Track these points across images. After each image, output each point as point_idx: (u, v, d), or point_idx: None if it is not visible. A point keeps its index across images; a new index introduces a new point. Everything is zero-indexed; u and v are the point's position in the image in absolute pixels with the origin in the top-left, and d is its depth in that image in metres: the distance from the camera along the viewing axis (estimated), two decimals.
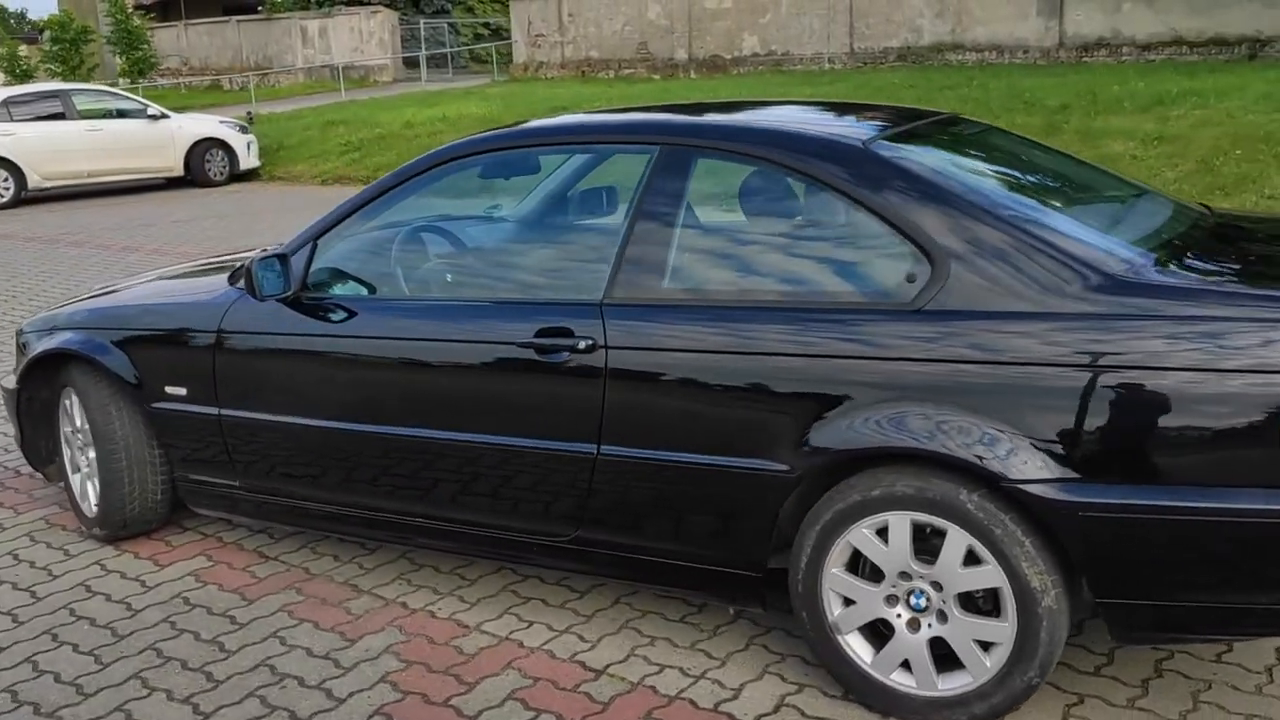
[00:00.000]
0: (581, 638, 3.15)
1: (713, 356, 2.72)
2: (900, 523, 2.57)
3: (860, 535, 2.62)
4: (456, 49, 33.43)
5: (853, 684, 2.72)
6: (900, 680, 2.66)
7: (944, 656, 2.62)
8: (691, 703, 2.82)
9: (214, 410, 3.51)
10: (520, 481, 3.04)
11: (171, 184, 15.68)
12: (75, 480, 3.97)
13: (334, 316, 3.27)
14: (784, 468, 2.65)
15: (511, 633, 3.19)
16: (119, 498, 3.74)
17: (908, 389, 2.51)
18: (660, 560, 2.93)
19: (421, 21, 32.41)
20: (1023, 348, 2.42)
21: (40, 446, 4.09)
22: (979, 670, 2.55)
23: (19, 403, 3.98)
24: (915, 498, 2.52)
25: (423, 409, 3.13)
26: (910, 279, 2.58)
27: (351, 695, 2.91)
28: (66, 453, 4.00)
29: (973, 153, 3.05)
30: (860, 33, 20.55)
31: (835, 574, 2.68)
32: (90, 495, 3.88)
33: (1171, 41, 17.05)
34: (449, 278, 3.35)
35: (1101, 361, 2.35)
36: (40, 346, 3.85)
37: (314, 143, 17.14)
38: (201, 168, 15.39)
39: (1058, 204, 2.87)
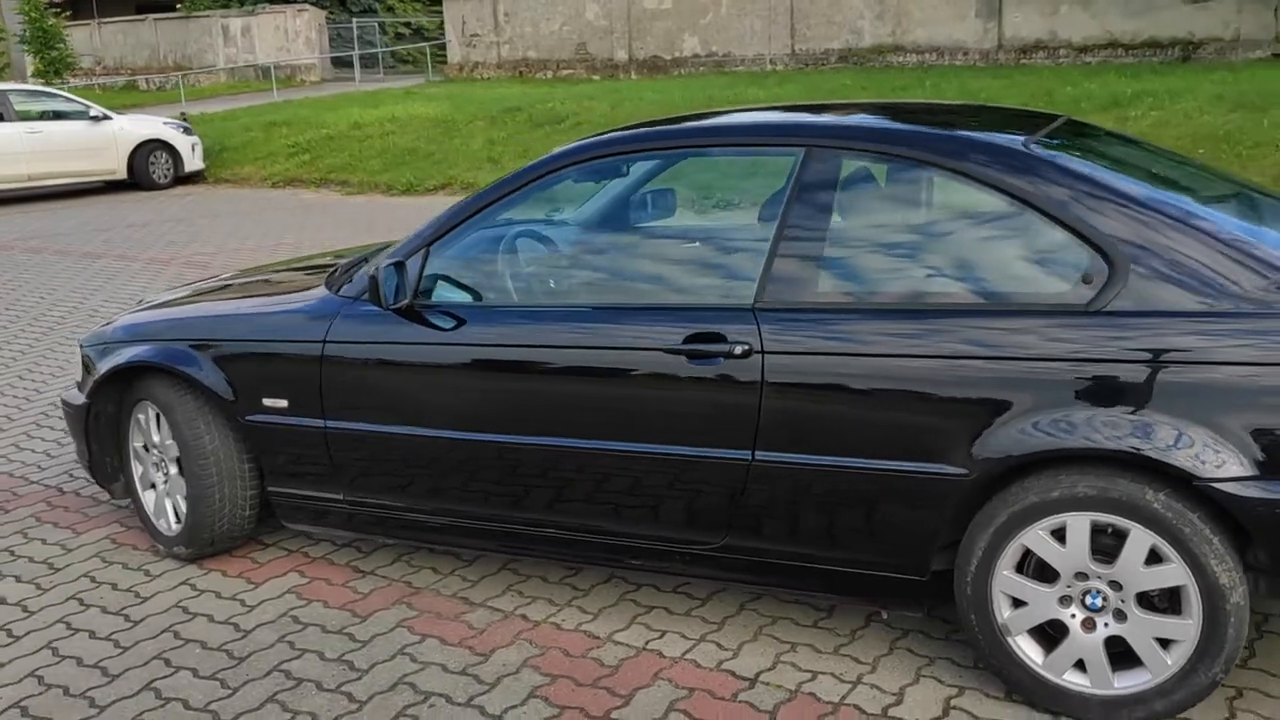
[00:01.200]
0: (720, 645, 3.13)
1: (879, 360, 2.71)
2: (1079, 524, 2.59)
3: (1035, 537, 2.64)
4: (385, 49, 32.95)
5: (1023, 685, 2.73)
6: (1074, 680, 2.68)
7: (1117, 655, 2.65)
8: (858, 709, 2.81)
9: (319, 422, 3.40)
10: (663, 489, 3.00)
11: (112, 187, 15.19)
12: (148, 497, 3.83)
13: (456, 325, 3.19)
14: (959, 471, 2.66)
15: (647, 643, 3.15)
16: (208, 514, 3.61)
17: (1088, 390, 2.53)
18: (814, 566, 2.92)
19: (354, 21, 31.88)
20: (1210, 347, 2.45)
21: (106, 463, 3.92)
22: (1159, 668, 2.59)
23: (88, 419, 3.81)
24: (1097, 498, 2.55)
25: (557, 417, 3.07)
26: (1086, 280, 2.60)
27: (507, 711, 2.85)
28: (136, 469, 3.85)
29: (1115, 153, 3.09)
30: (801, 34, 20.75)
31: (1006, 576, 2.69)
32: (168, 512, 3.75)
33: (1107, 44, 17.53)
34: (573, 282, 3.27)
35: None
36: (113, 360, 3.69)
37: (258, 144, 16.75)
38: (146, 170, 14.94)
39: (1220, 204, 2.92)
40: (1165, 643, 2.59)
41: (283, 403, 3.45)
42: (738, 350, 2.83)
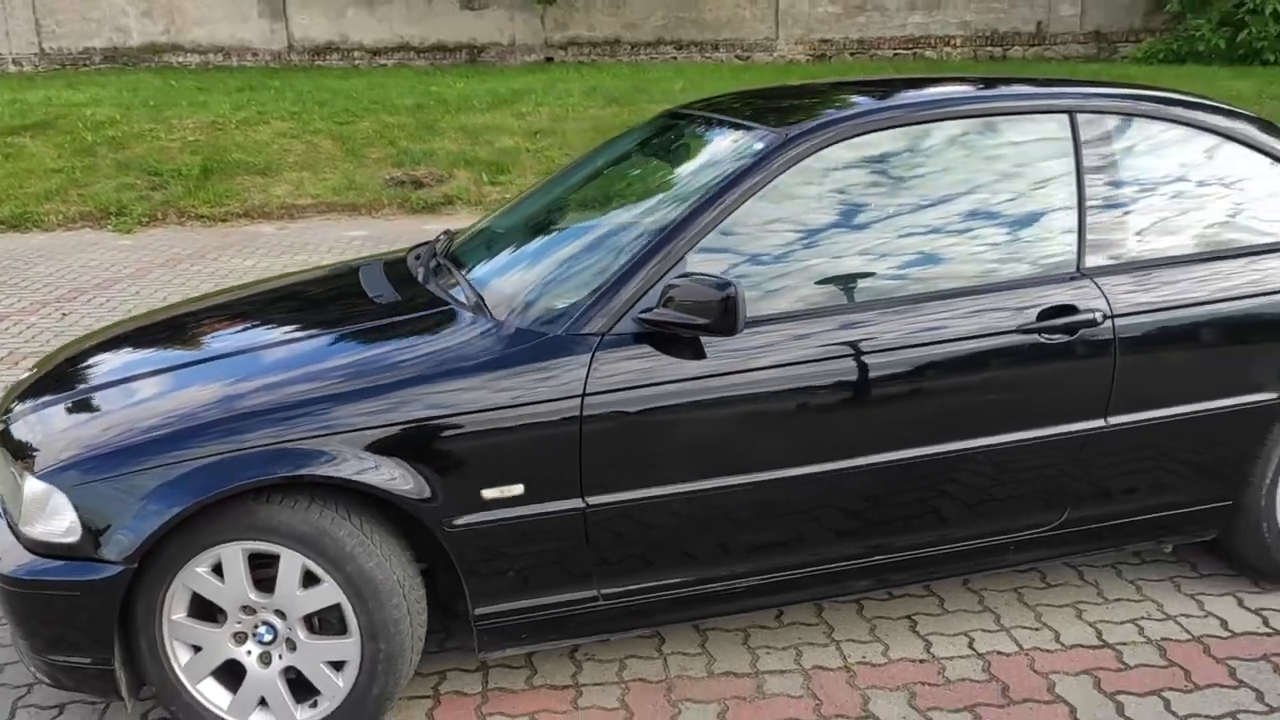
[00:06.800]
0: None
1: (1210, 307, 2.92)
2: None
3: None
4: None
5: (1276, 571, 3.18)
6: None
7: None
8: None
9: (575, 503, 2.55)
10: (1010, 478, 2.86)
11: None
12: (211, 689, 2.53)
13: (767, 342, 2.63)
14: (1276, 396, 2.98)
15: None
16: (399, 670, 2.49)
17: None
18: (1142, 518, 3.03)
19: None
20: None
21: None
22: None
23: (128, 595, 2.36)
24: None
25: (910, 425, 2.75)
26: None
27: None
28: (180, 655, 2.48)
29: None
30: (50, 31, 18.07)
31: None
32: (283, 698, 2.51)
33: (399, 47, 18.14)
34: (871, 273, 2.80)
35: None
36: (185, 493, 2.33)
37: None
38: None
39: None
40: None
41: (516, 489, 2.51)
42: (1098, 318, 2.81)
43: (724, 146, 2.98)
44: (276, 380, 2.57)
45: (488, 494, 2.51)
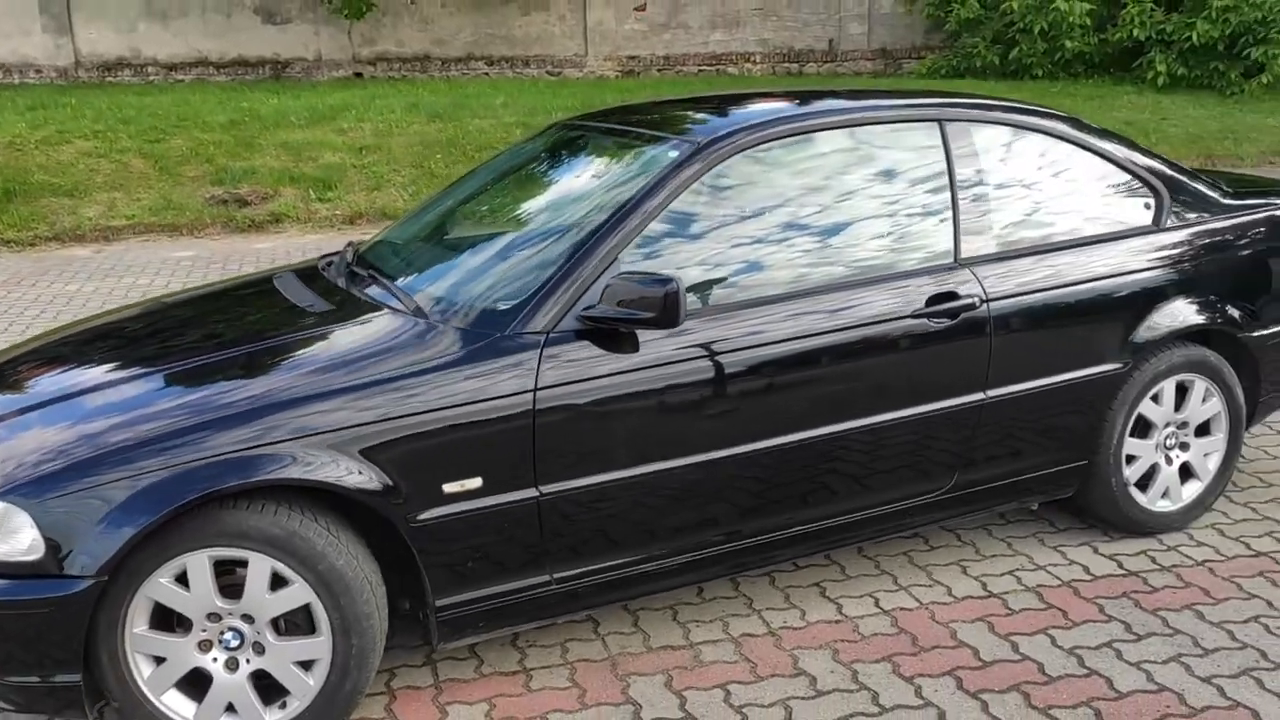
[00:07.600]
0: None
1: (1064, 290, 3.32)
2: (1171, 386, 3.55)
3: (1148, 404, 3.53)
4: None
5: (1137, 520, 3.62)
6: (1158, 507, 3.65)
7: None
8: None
9: (529, 493, 2.69)
10: (907, 449, 3.16)
11: None
12: (176, 700, 2.54)
13: (697, 333, 2.85)
14: (1119, 365, 3.41)
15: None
16: (369, 665, 2.58)
17: (1190, 281, 3.50)
18: (1016, 479, 3.40)
19: None
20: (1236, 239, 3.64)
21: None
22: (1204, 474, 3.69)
23: (95, 613, 2.36)
24: (1182, 364, 3.53)
25: (822, 405, 3.01)
26: (1148, 206, 3.53)
27: None
28: (142, 669, 2.48)
29: None
30: None
31: (1128, 440, 3.53)
32: (253, 705, 2.53)
33: (197, 62, 17.52)
34: (780, 266, 3.02)
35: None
36: (157, 501, 2.35)
37: None
38: None
39: None
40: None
41: (474, 482, 2.63)
42: (977, 302, 3.15)
43: (640, 155, 3.18)
44: (241, 386, 2.61)
45: (448, 488, 2.62)
